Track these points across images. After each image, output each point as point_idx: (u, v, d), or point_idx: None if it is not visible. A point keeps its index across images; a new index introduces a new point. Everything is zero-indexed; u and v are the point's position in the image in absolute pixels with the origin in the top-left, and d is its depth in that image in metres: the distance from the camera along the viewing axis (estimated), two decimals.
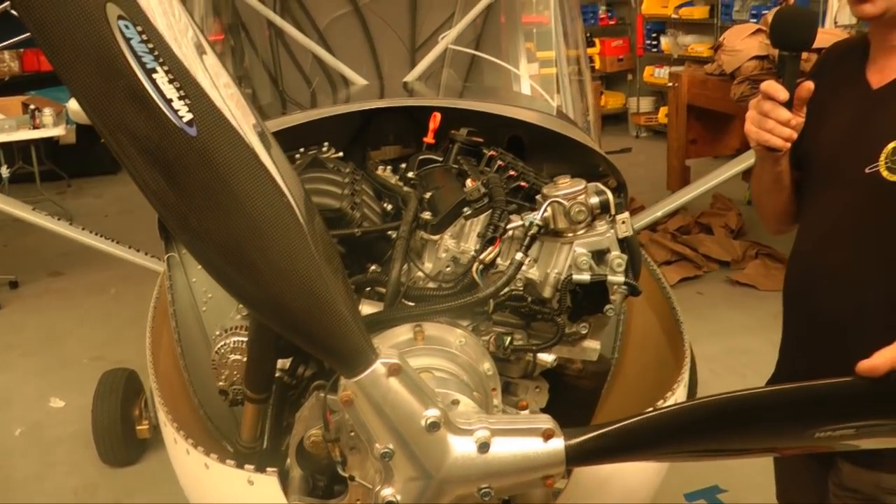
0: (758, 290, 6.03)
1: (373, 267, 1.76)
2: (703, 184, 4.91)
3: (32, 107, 8.18)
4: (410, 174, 2.11)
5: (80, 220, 5.47)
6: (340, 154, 2.20)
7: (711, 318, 5.60)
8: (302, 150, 2.19)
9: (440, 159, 2.17)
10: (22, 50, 9.68)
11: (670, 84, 8.31)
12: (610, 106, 12.11)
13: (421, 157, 2.18)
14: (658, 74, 11.31)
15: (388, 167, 2.21)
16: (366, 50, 3.45)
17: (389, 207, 1.96)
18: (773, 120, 1.93)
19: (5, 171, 7.84)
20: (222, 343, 1.91)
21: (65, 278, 6.95)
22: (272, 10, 3.30)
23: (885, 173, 1.93)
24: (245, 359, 1.90)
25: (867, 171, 1.97)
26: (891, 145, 1.93)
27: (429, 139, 2.22)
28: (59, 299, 6.54)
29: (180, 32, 1.09)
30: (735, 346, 5.02)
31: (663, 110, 10.60)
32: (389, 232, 1.80)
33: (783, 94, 1.91)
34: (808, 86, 1.91)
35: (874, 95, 2.03)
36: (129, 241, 4.41)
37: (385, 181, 2.08)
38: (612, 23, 12.35)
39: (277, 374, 1.75)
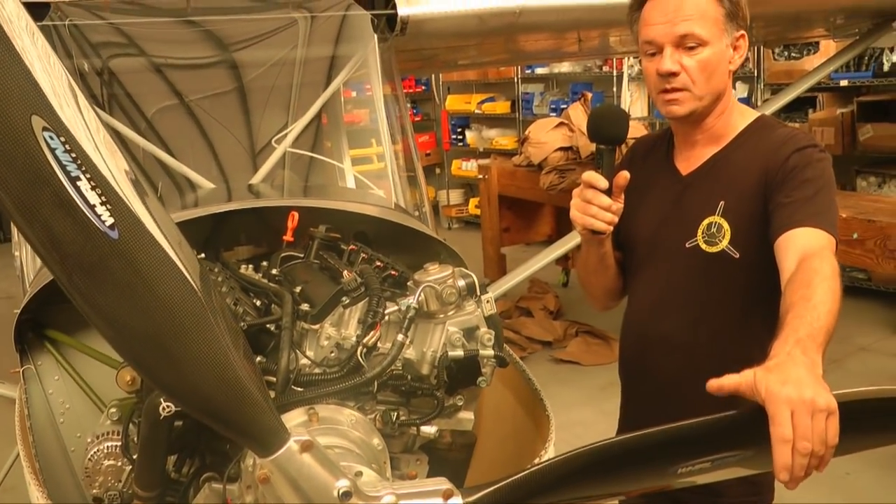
0: (581, 366, 6.36)
1: (259, 358, 1.84)
2: (521, 272, 5.17)
3: None
4: (274, 271, 2.21)
5: None
6: (202, 255, 2.27)
7: None
8: None
9: (301, 255, 2.28)
10: None
11: (480, 176, 8.71)
12: None
13: (282, 255, 2.28)
14: (466, 167, 11.78)
15: (250, 265, 2.30)
16: (208, 153, 3.51)
17: (258, 303, 2.05)
18: (596, 206, 2.16)
19: None
20: (95, 449, 1.93)
21: None
22: (112, 117, 3.32)
23: (703, 246, 2.22)
24: (119, 463, 1.93)
25: (687, 245, 2.24)
26: (706, 221, 2.21)
27: (288, 237, 2.33)
28: None
29: (94, 139, 1.17)
30: (567, 420, 5.23)
31: (473, 201, 11.03)
32: (270, 324, 1.89)
33: (603, 182, 2.15)
34: (625, 175, 2.15)
35: (685, 180, 2.32)
36: None
37: (251, 278, 2.17)
38: (417, 119, 12.75)
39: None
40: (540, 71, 10.80)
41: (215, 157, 3.44)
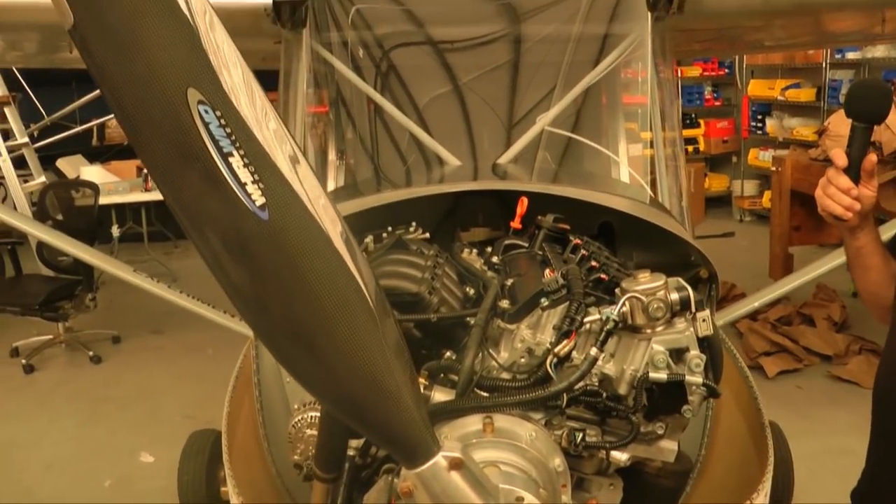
0: (861, 388, 5.75)
1: (447, 353, 1.75)
2: (807, 273, 4.73)
3: (146, 171, 8.50)
4: (495, 259, 2.11)
5: (183, 281, 5.60)
6: (426, 235, 2.21)
7: (810, 414, 5.38)
8: (390, 228, 2.21)
9: (525, 245, 2.16)
10: None
11: (774, 168, 8.17)
12: (714, 188, 11.93)
13: (506, 242, 2.18)
14: (763, 157, 11.10)
15: (474, 250, 2.21)
16: (462, 128, 3.49)
17: (472, 292, 1.95)
18: (834, 187, 1.93)
19: (116, 231, 8.07)
20: (299, 417, 1.92)
21: (164, 336, 7.12)
22: (373, 88, 3.37)
23: None
24: None
25: None
26: None
27: (516, 224, 2.22)
28: (158, 356, 6.71)
29: (263, 117, 1.10)
30: (835, 445, 4.79)
31: (767, 194, 10.36)
32: (467, 318, 1.78)
33: (841, 160, 1.92)
34: (871, 159, 1.92)
35: None
36: (229, 304, 4.46)
37: (469, 265, 2.08)
38: (717, 104, 12.22)
39: (350, 454, 1.75)
40: (851, 55, 9.83)
41: (470, 134, 3.40)
